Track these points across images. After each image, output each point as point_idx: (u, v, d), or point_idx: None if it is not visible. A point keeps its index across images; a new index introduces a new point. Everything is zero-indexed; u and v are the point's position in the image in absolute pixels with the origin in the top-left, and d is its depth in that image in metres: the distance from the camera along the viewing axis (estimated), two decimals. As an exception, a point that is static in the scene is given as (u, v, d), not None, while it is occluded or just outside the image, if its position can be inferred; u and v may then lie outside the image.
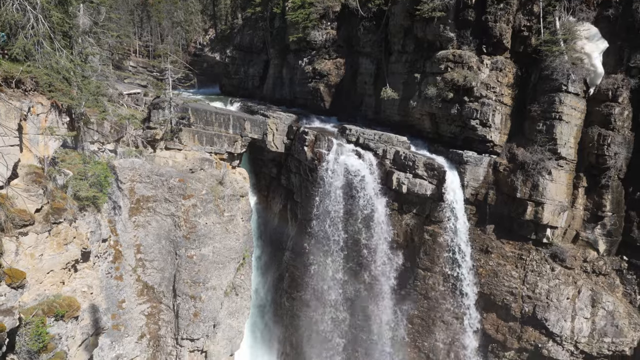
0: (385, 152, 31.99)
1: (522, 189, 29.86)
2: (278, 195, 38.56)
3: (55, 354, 16.79)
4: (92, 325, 21.25)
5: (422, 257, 32.42)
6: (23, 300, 16.68)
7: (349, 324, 34.48)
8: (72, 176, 20.72)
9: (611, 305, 29.80)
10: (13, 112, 17.17)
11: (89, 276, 20.96)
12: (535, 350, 30.63)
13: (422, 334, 33.17)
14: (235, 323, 29.16)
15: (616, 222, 30.34)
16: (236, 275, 29.17)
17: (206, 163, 29.37)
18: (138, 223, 26.24)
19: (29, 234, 17.07)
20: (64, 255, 18.60)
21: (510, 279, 30.84)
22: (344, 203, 32.04)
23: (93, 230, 21.46)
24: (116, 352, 24.76)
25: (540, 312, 30.00)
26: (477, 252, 31.65)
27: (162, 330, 26.85)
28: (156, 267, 26.50)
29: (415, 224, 32.56)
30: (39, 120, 19.11)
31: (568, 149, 29.63)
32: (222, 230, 28.37)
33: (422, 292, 32.76)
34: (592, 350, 30.12)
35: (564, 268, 30.32)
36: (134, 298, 25.88)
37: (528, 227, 30.62)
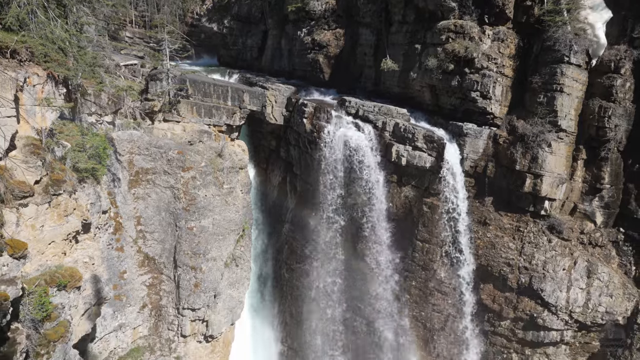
0: (384, 124, 31.84)
1: (522, 161, 29.87)
2: (277, 167, 38.55)
3: (59, 323, 17.06)
4: (94, 295, 21.55)
5: (421, 229, 32.66)
6: (25, 270, 16.87)
7: (347, 295, 34.99)
8: (70, 148, 20.67)
9: (606, 276, 30.22)
10: (9, 83, 17.00)
11: (90, 247, 21.14)
12: (531, 320, 31.21)
13: (419, 304, 33.71)
14: (236, 293, 29.59)
15: (614, 194, 30.50)
16: (236, 247, 29.44)
17: (205, 135, 29.25)
18: (138, 195, 26.31)
19: (29, 205, 17.13)
20: (64, 226, 18.71)
21: (508, 251, 31.16)
22: (343, 175, 32.08)
23: (93, 202, 21.53)
24: (119, 322, 25.19)
25: (536, 283, 30.43)
26: (475, 224, 31.89)
27: (163, 300, 27.25)
28: (156, 239, 26.70)
29: (414, 196, 32.69)
30: (35, 92, 18.93)
31: (568, 121, 29.52)
32: (222, 202, 28.48)
33: (420, 263, 33.14)
34: (586, 319, 30.71)
35: (560, 240, 30.61)
36: (135, 269, 26.17)
37: (526, 200, 30.77)
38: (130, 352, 26.20)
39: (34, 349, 16.15)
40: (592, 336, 31.72)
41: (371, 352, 35.61)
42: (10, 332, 14.54)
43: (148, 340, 27.06)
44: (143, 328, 27.02)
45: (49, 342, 16.55)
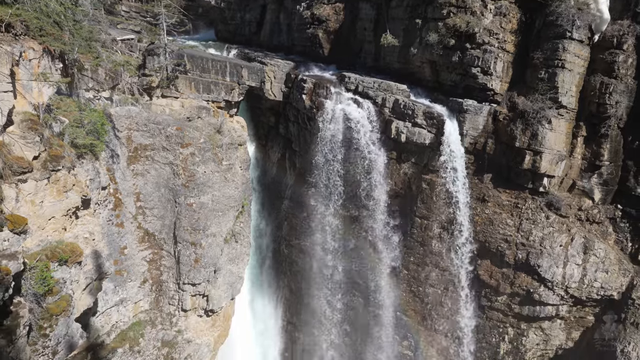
0: (384, 100, 31.64)
1: (521, 138, 29.81)
2: (276, 144, 38.44)
3: (60, 297, 17.27)
4: (95, 270, 21.74)
5: (420, 205, 32.79)
6: (26, 245, 16.98)
7: (346, 270, 35.34)
8: (68, 124, 20.56)
9: (602, 252, 30.51)
10: (4, 57, 16.80)
11: (90, 223, 21.23)
12: (527, 295, 31.64)
13: (417, 280, 34.10)
14: (236, 269, 29.86)
15: (613, 171, 30.56)
16: (235, 223, 29.57)
17: (203, 111, 29.06)
18: (137, 171, 26.29)
19: (28, 181, 17.13)
20: (64, 202, 18.75)
21: (506, 227, 31.36)
22: (342, 152, 32.03)
23: (92, 178, 21.53)
24: (120, 296, 25.47)
25: (533, 259, 30.73)
26: (474, 200, 32.01)
27: (164, 275, 27.51)
28: (156, 215, 26.79)
29: (413, 173, 32.72)
30: (31, 66, 18.73)
31: (569, 97, 29.36)
32: (221, 178, 28.49)
33: (418, 239, 33.38)
34: (581, 294, 31.13)
35: (558, 216, 30.78)
36: (135, 245, 26.32)
37: (525, 176, 30.83)
38: (131, 326, 26.57)
39: (36, 323, 16.40)
40: (587, 311, 32.22)
41: (369, 326, 36.19)
42: (13, 306, 14.73)
43: (149, 315, 27.43)
44: (144, 303, 27.33)
45: (51, 315, 16.78)
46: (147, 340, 26.99)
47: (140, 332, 26.88)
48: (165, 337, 27.77)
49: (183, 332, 28.32)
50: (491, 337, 33.94)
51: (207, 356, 29.77)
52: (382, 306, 35.05)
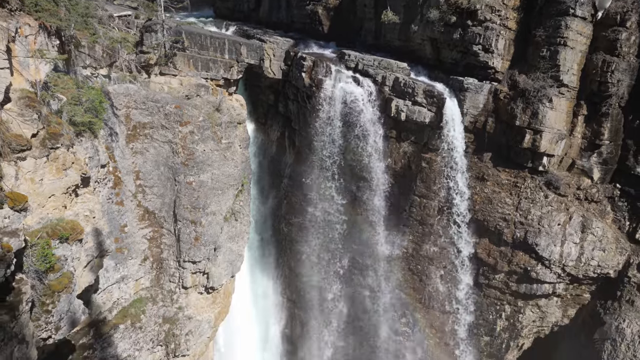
0: (384, 78, 31.39)
1: (522, 117, 29.70)
2: (276, 122, 38.28)
3: (62, 274, 17.41)
4: (96, 247, 21.87)
5: (419, 184, 32.85)
6: (27, 223, 17.03)
7: (345, 249, 35.59)
8: (66, 101, 20.41)
9: (600, 231, 30.69)
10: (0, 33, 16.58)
11: (90, 201, 21.26)
12: (524, 273, 31.94)
13: (415, 258, 34.38)
14: (235, 247, 30.05)
15: (613, 150, 30.53)
16: (235, 202, 29.63)
17: (202, 89, 28.83)
18: (136, 150, 26.20)
19: (27, 158, 17.09)
20: (63, 180, 18.74)
21: (504, 206, 31.49)
22: (341, 130, 31.93)
23: (91, 156, 21.49)
24: (121, 274, 25.69)
25: (531, 238, 30.93)
26: (473, 179, 32.06)
27: (164, 253, 27.69)
28: (156, 193, 26.82)
29: (412, 152, 32.69)
30: (27, 43, 18.51)
31: (571, 75, 29.15)
32: (220, 157, 28.42)
33: (417, 218, 33.53)
34: (578, 273, 31.43)
35: (557, 195, 30.88)
36: (135, 223, 26.42)
37: (525, 156, 30.82)
38: (133, 303, 26.87)
39: (39, 299, 16.57)
40: (583, 289, 32.60)
41: (368, 304, 36.63)
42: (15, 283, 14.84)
43: (150, 292, 27.71)
44: (145, 280, 27.58)
45: (53, 292, 16.94)
46: (148, 317, 27.32)
47: (141, 309, 27.20)
48: (166, 314, 28.12)
49: (184, 308, 28.66)
50: (488, 314, 34.40)
51: (207, 332, 30.19)
52: (381, 284, 35.43)
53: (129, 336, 26.09)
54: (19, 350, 14.63)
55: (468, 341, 35.11)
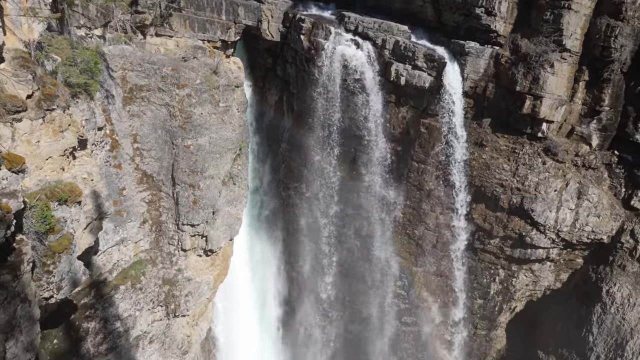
0: (384, 41, 30.85)
1: (523, 82, 29.43)
2: (274, 86, 37.83)
3: (62, 236, 17.52)
4: (95, 210, 21.94)
5: (417, 149, 32.83)
6: (25, 185, 17.02)
7: (343, 213, 35.87)
8: (60, 62, 20.04)
9: (596, 197, 30.93)
10: (-10, -10, 16.13)
11: (88, 164, 21.18)
12: (519, 238, 32.38)
13: (412, 223, 34.73)
14: (234, 210, 30.20)
15: (612, 117, 30.43)
16: (233, 165, 29.59)
17: (199, 51, 28.33)
18: (133, 112, 25.95)
19: (23, 120, 16.91)
20: (60, 142, 18.61)
21: (502, 172, 31.59)
22: (340, 94, 31.62)
23: (88, 118, 21.27)
24: (120, 236, 25.89)
25: (527, 203, 31.19)
26: (472, 145, 32.04)
27: (163, 216, 27.85)
28: (154, 157, 26.73)
29: (411, 117, 32.50)
30: (19, 0, 18.01)
31: (574, 40, 28.71)
32: (218, 120, 28.20)
33: (415, 183, 33.67)
34: (572, 238, 31.86)
35: (555, 162, 30.96)
36: (134, 186, 26.43)
37: (524, 122, 30.70)
38: (133, 265, 27.20)
39: (40, 260, 16.75)
40: (576, 254, 33.13)
41: (364, 267, 37.22)
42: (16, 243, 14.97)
43: (150, 254, 28.01)
44: (144, 242, 27.83)
45: (53, 253, 17.11)
46: (148, 279, 27.72)
47: (141, 271, 27.57)
48: (166, 276, 28.53)
49: (183, 270, 29.06)
50: (482, 278, 35.06)
51: (207, 294, 30.73)
52: (377, 248, 35.89)
53: (129, 297, 26.54)
54: (22, 309, 14.91)
55: (462, 304, 35.92)
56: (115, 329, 25.71)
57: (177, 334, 29.63)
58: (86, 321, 23.94)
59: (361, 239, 36.54)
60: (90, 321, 24.17)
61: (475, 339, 37.38)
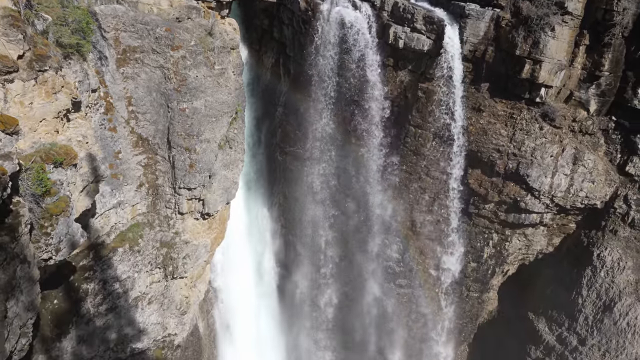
0: (383, 3, 30.20)
1: (523, 45, 29.03)
2: (270, 49, 37.19)
3: (59, 198, 17.56)
4: (91, 173, 21.93)
5: (415, 114, 32.66)
6: (20, 147, 16.92)
7: (339, 177, 35.97)
8: (51, 21, 19.57)
9: (591, 163, 31.08)
10: (-24, -55, 15.58)
11: (83, 126, 21.02)
12: (514, 204, 32.68)
13: (408, 187, 34.91)
14: (230, 174, 30.22)
15: (612, 82, 30.21)
16: (229, 129, 29.41)
17: (193, 12, 27.64)
18: (127, 75, 25.57)
19: (15, 81, 16.66)
20: (54, 104, 18.40)
21: (499, 137, 31.57)
22: (337, 57, 31.16)
23: (81, 80, 20.96)
24: (117, 199, 25.96)
25: (523, 169, 31.32)
26: (469, 110, 31.88)
27: (159, 180, 27.86)
28: (149, 120, 26.51)
29: (409, 81, 32.19)
30: (6, -44, 17.41)
31: (575, 3, 28.18)
32: (214, 83, 27.83)
33: (412, 148, 33.66)
34: (566, 203, 32.18)
35: (552, 127, 30.92)
36: (129, 149, 26.32)
37: (523, 86, 30.47)
38: (130, 228, 27.40)
39: (37, 222, 16.86)
40: (569, 219, 33.56)
41: (360, 230, 37.64)
42: (13, 205, 15.03)
43: (147, 217, 28.18)
44: (141, 206, 27.95)
45: (51, 215, 17.20)
46: (146, 241, 27.99)
47: (139, 234, 27.80)
48: (163, 238, 28.80)
49: (180, 233, 29.32)
50: (476, 242, 35.57)
51: (204, 256, 31.13)
52: (373, 212, 36.20)
53: (127, 259, 26.87)
54: (22, 270, 15.12)
55: (455, 267, 36.58)
56: (115, 290, 26.15)
57: (176, 295, 30.18)
58: (85, 282, 24.32)
59: (357, 203, 36.79)
60: (89, 282, 24.55)
61: (468, 301, 38.27)
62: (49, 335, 22.80)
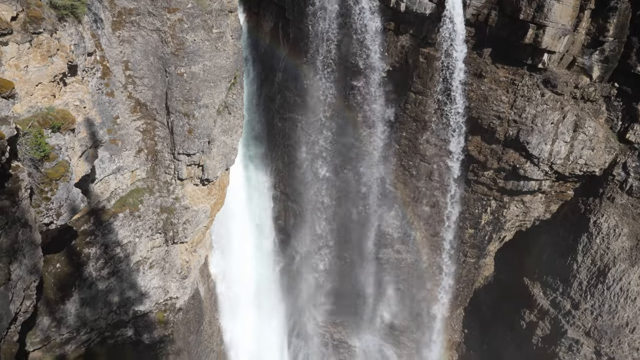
0: (384, -36, 29.37)
1: (527, 9, 28.42)
2: (269, 12, 36.36)
3: (58, 163, 17.55)
4: (90, 138, 21.84)
5: (415, 80, 32.29)
6: (16, 111, 16.79)
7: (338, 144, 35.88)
8: (44, -19, 19.10)
9: (592, 130, 30.96)
10: None
11: (80, 90, 20.79)
12: (513, 171, 32.74)
13: (407, 154, 34.88)
14: (229, 140, 30.12)
15: (616, 47, 29.74)
16: (228, 95, 29.11)
17: (190, -28, 26.91)
18: (123, 38, 25.11)
19: (9, 43, 16.37)
20: (49, 67, 18.15)
21: (500, 104, 31.32)
22: (337, 21, 30.52)
23: (76, 43, 20.58)
24: (116, 165, 25.96)
25: (523, 136, 31.23)
26: (471, 76, 31.50)
27: (158, 145, 27.78)
28: (147, 85, 26.20)
29: (410, 46, 31.67)
30: None
31: (583, -36, 27.43)
32: (212, 47, 27.37)
33: (412, 115, 33.44)
34: (565, 170, 32.24)
35: (554, 94, 30.63)
36: (127, 114, 26.12)
37: (525, 52, 30.02)
38: (130, 193, 27.50)
39: (37, 186, 16.92)
40: (567, 186, 33.69)
41: (358, 197, 37.83)
42: (12, 170, 15.04)
43: (147, 183, 28.23)
44: (141, 171, 27.97)
45: (50, 180, 17.24)
46: (146, 207, 28.14)
47: (139, 199, 27.92)
48: (163, 204, 28.95)
49: (180, 199, 29.46)
50: (474, 208, 35.83)
51: (204, 222, 31.38)
52: (372, 178, 36.29)
53: (128, 224, 27.09)
54: (23, 234, 15.26)
55: (453, 233, 36.97)
56: (116, 255, 26.48)
57: (176, 259, 30.59)
58: (87, 247, 24.60)
59: (356, 170, 36.84)
60: (91, 247, 24.83)
61: (465, 266, 38.89)
62: (52, 298, 23.24)
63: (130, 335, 28.79)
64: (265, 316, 43.30)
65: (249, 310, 41.54)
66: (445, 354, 42.45)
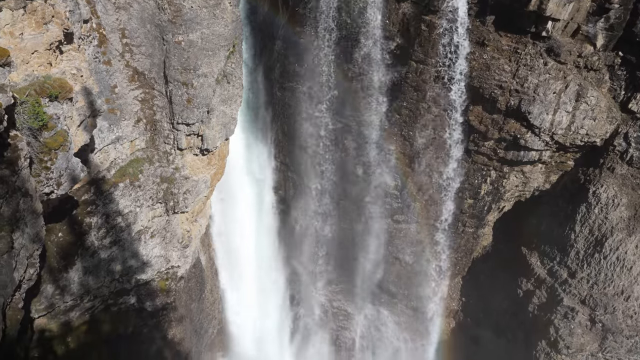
0: None
1: (531, -25, 27.74)
2: (267, -22, 35.55)
3: (56, 132, 17.47)
4: (88, 107, 21.68)
5: (417, 49, 31.81)
6: (13, 79, 16.60)
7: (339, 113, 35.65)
8: (36, -55, 18.56)
9: (594, 100, 30.69)
10: None
11: (76, 59, 20.51)
12: (513, 141, 32.63)
13: (408, 124, 34.68)
14: (229, 110, 29.88)
15: (621, 15, 29.13)
16: (227, 64, 28.70)
17: None
18: (119, 5, 24.58)
19: (3, 9, 16.06)
20: (45, 35, 17.85)
21: (502, 73, 30.96)
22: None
23: (71, 10, 20.18)
24: (115, 134, 25.84)
25: (524, 106, 30.99)
26: (473, 44, 31.01)
27: (157, 115, 27.57)
28: (144, 53, 25.81)
29: (412, 13, 31.06)
30: None
31: None
32: (210, 15, 26.82)
33: (413, 84, 33.09)
34: (566, 141, 32.13)
35: (557, 63, 30.23)
36: (125, 83, 25.83)
37: (529, 19, 29.46)
38: (130, 163, 27.47)
39: (36, 156, 16.90)
40: (568, 156, 33.65)
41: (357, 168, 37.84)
42: (10, 139, 15.01)
43: (146, 153, 28.17)
44: (140, 141, 27.86)
45: (49, 149, 17.20)
46: (146, 176, 28.17)
47: (139, 169, 27.92)
48: (163, 174, 28.97)
49: (180, 169, 29.46)
50: (474, 178, 35.87)
51: (204, 192, 31.47)
52: (372, 148, 36.20)
53: (128, 194, 27.18)
54: (24, 203, 15.35)
55: (452, 203, 37.14)
56: (117, 224, 26.67)
57: (177, 229, 30.82)
58: (88, 216, 24.75)
59: (356, 140, 36.70)
60: (92, 216, 24.99)
61: (463, 236, 39.22)
62: (56, 267, 23.54)
63: (133, 302, 29.30)
64: (266, 284, 43.97)
65: (250, 278, 42.15)
66: (443, 322, 43.31)
